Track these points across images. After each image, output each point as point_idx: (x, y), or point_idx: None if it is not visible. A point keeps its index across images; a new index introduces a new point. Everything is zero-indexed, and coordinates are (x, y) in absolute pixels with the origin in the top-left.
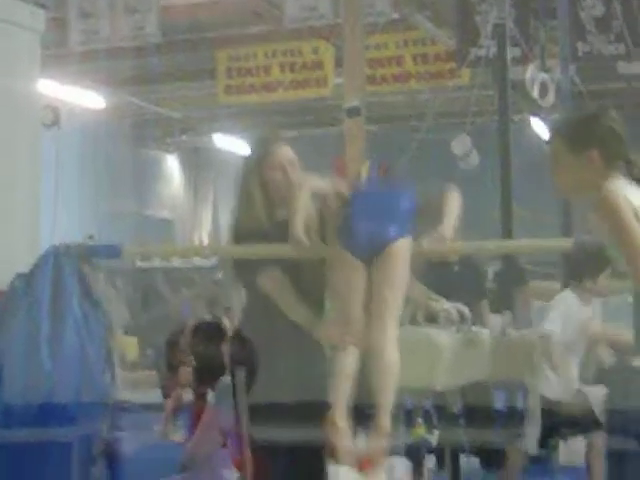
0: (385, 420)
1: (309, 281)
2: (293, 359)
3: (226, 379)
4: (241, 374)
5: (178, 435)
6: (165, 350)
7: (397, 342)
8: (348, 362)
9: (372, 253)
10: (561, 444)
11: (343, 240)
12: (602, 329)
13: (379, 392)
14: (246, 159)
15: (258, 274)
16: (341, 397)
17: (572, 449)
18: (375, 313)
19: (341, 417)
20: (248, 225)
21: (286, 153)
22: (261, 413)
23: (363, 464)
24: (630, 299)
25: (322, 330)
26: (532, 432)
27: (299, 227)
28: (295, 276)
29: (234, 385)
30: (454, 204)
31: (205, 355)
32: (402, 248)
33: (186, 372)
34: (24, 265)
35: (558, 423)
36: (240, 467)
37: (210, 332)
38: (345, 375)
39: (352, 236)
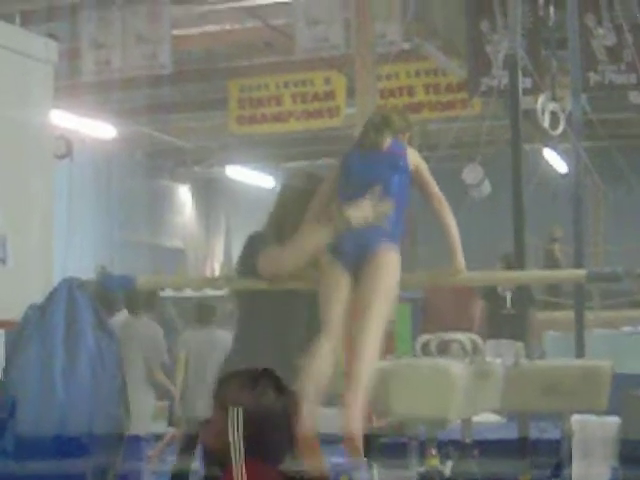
0: (353, 396)
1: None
2: None
3: None
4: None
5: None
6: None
7: (378, 349)
8: (319, 362)
9: (359, 260)
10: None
11: (331, 247)
12: None
13: (350, 372)
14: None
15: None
16: (310, 392)
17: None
18: (359, 317)
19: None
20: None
21: None
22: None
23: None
24: None
25: None
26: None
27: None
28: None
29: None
30: (455, 230)
31: None
32: (389, 255)
33: None
34: (37, 295)
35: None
36: None
37: None
38: (315, 373)
39: (339, 242)
